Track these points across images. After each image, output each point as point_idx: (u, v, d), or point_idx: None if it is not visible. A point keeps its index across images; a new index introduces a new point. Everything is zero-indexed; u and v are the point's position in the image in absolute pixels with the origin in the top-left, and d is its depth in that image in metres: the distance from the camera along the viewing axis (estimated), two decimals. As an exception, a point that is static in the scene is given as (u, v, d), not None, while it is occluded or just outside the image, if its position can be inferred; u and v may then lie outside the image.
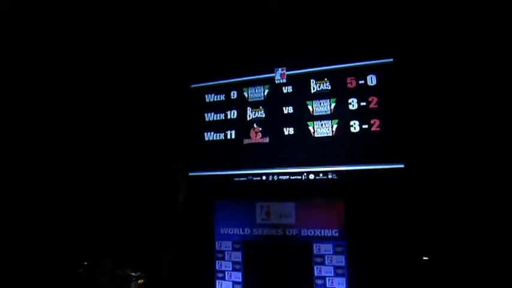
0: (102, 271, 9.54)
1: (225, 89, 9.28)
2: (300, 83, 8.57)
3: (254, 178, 8.60)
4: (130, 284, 8.90)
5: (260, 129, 8.83)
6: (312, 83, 8.46)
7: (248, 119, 8.93)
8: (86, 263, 9.97)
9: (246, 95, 9.08)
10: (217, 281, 8.20)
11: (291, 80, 8.71)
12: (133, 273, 9.11)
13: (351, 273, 7.00)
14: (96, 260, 9.83)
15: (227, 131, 9.13)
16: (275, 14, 8.71)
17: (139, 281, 9.01)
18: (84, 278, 9.54)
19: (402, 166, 7.27)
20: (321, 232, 7.47)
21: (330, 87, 8.27)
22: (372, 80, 7.97)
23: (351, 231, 7.16)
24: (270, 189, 8.19)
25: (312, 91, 8.42)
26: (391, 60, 7.79)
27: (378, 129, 7.72)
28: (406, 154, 7.31)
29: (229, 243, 8.33)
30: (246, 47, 9.06)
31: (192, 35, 9.45)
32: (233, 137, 9.04)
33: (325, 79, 8.38)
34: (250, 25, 8.85)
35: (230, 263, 8.20)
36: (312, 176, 8.09)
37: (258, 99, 8.95)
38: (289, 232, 7.74)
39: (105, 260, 9.72)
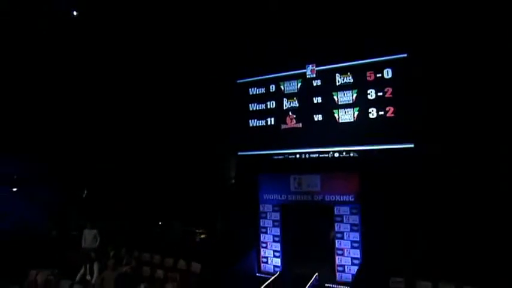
0: (173, 229, 12.30)
1: (265, 83, 11.33)
2: (327, 77, 10.31)
3: (290, 156, 10.62)
4: (195, 237, 11.48)
5: (294, 116, 10.78)
6: (337, 77, 10.15)
7: (284, 108, 10.92)
8: (160, 223, 12.83)
9: (283, 88, 11.03)
10: (261, 235, 10.51)
11: (319, 74, 10.47)
12: (197, 230, 11.68)
13: (363, 229, 8.84)
14: (168, 221, 12.65)
15: (267, 118, 11.21)
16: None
17: (201, 236, 11.58)
18: (159, 233, 12.38)
19: (412, 146, 8.83)
20: (340, 197, 9.37)
21: (352, 80, 9.93)
22: (388, 73, 9.46)
23: (364, 197, 8.96)
24: (302, 165, 10.13)
25: (337, 84, 10.13)
26: (405, 55, 9.20)
27: (392, 115, 9.28)
28: (416, 136, 8.79)
29: (270, 206, 10.53)
30: (281, 48, 10.84)
31: (237, 39, 11.41)
32: (272, 123, 11.11)
33: (348, 73, 10.03)
34: (284, 29, 10.51)
35: (271, 221, 10.44)
36: (336, 155, 9.92)
37: (292, 91, 10.88)
38: (316, 197, 9.73)
39: (174, 221, 12.47)
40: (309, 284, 8.19)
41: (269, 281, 8.61)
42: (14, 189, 14.52)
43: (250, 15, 10.82)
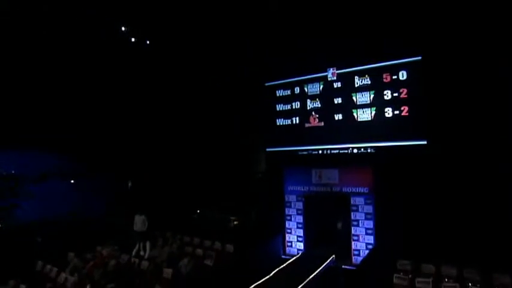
0: (209, 215, 13.86)
1: (291, 86, 12.52)
2: (347, 79, 11.29)
3: (313, 152, 11.71)
4: (229, 223, 12.96)
5: (317, 115, 11.86)
6: (356, 79, 11.09)
7: (308, 108, 12.06)
8: (198, 211, 14.46)
9: (306, 90, 12.14)
10: (286, 221, 11.82)
11: (339, 77, 11.47)
12: (231, 217, 13.15)
13: (376, 217, 9.80)
14: (205, 209, 14.23)
15: (293, 117, 12.41)
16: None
17: (234, 222, 13.04)
18: (197, 219, 13.98)
19: (425, 142, 9.59)
20: (356, 189, 10.41)
21: (369, 82, 10.83)
22: (403, 75, 10.25)
23: (377, 189, 9.92)
24: (322, 160, 11.22)
25: (356, 85, 11.08)
26: (420, 58, 9.91)
27: (407, 114, 10.07)
28: (429, 133, 9.55)
29: (294, 196, 11.81)
30: (305, 53, 11.91)
31: (265, 47, 12.61)
32: (297, 122, 12.29)
33: (366, 75, 10.92)
34: (307, 36, 11.53)
35: (295, 209, 11.73)
36: (355, 151, 10.86)
37: (315, 93, 11.98)
38: (334, 189, 10.84)
39: (211, 209, 14.02)
40: (325, 263, 9.35)
41: (291, 260, 9.89)
42: (72, 181, 17.01)
43: (278, 25, 11.93)
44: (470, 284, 7.15)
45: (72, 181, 17.37)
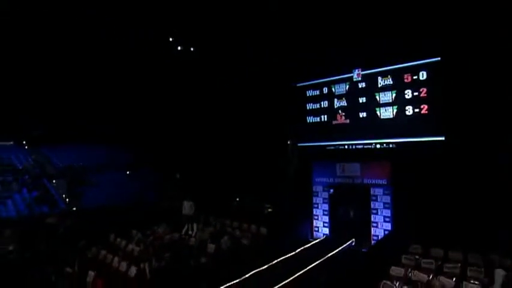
0: (246, 203, 15.50)
1: (319, 86, 13.76)
2: (371, 80, 12.29)
3: (339, 147, 12.85)
4: (264, 210, 14.53)
5: (343, 113, 12.99)
6: (379, 79, 12.03)
7: (335, 107, 13.24)
8: (237, 199, 16.15)
9: (333, 90, 13.27)
10: (314, 209, 13.19)
11: (364, 78, 12.48)
12: (265, 205, 14.71)
13: (394, 206, 10.81)
14: (243, 197, 15.88)
15: (321, 115, 13.66)
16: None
17: (269, 209, 14.59)
18: (236, 206, 15.66)
19: (443, 138, 10.36)
20: (375, 181, 11.49)
21: (392, 82, 11.74)
22: (423, 75, 11.04)
23: (395, 181, 10.91)
24: (345, 154, 12.36)
25: (379, 85, 12.05)
26: (439, 59, 10.61)
27: (426, 112, 10.87)
28: (447, 130, 10.31)
29: (321, 187, 13.14)
30: (332, 56, 12.98)
31: (297, 52, 13.81)
32: (325, 119, 13.52)
33: (388, 76, 11.82)
34: (333, 40, 12.56)
35: (321, 198, 13.07)
36: (378, 146, 11.84)
37: (341, 92, 13.11)
38: (356, 181, 11.98)
39: (248, 197, 15.65)
40: (345, 245, 10.62)
41: (315, 241, 11.25)
42: (128, 172, 19.62)
43: (307, 31, 13.05)
44: (474, 267, 8.05)
45: (127, 172, 20.02)
